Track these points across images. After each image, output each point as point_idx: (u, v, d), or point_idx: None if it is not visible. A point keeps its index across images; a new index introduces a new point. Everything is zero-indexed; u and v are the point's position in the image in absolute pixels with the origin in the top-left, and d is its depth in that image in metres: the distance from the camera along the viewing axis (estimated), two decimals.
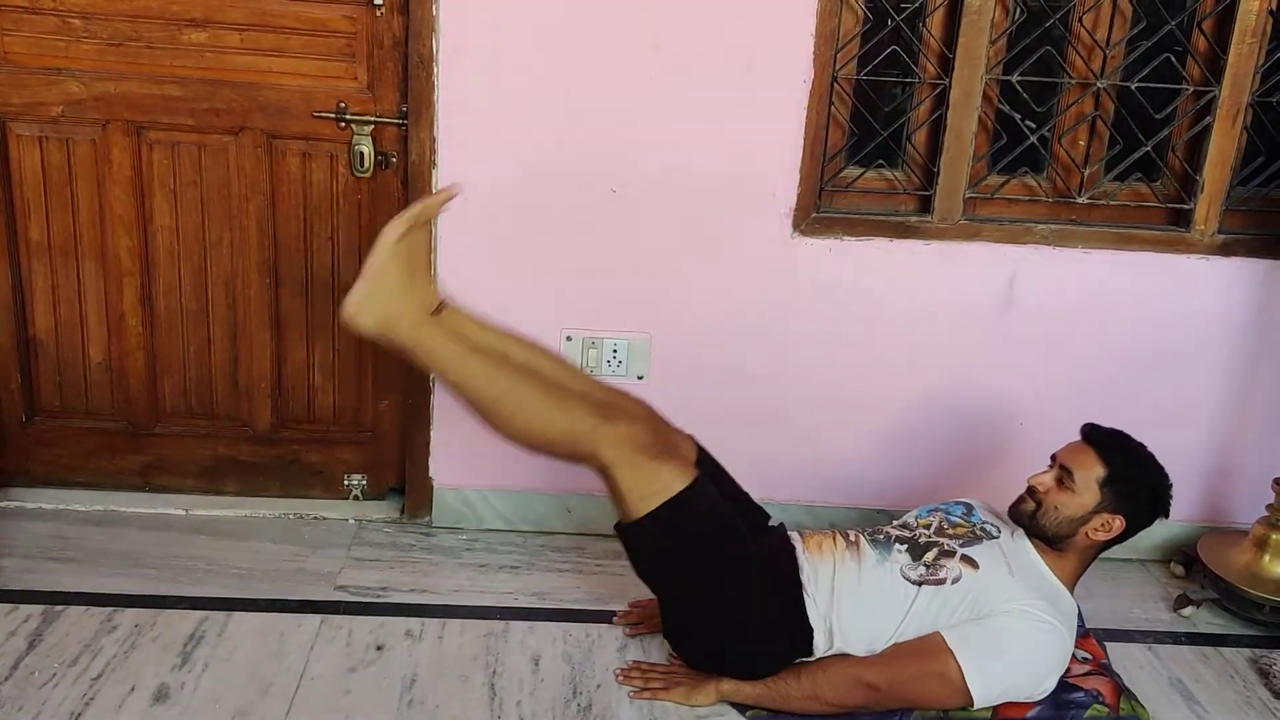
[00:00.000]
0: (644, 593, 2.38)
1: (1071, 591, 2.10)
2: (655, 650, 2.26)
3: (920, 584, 2.04)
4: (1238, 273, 2.59)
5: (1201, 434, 2.72)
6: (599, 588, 2.48)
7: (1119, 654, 2.32)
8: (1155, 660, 2.37)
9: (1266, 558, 2.50)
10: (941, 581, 2.03)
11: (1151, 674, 2.31)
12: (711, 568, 2.05)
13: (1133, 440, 2.11)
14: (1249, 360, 2.66)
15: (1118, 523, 2.05)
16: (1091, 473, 2.05)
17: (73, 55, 2.36)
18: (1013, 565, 2.06)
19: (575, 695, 2.11)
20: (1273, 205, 2.61)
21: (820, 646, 2.05)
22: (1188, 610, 2.54)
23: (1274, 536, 2.50)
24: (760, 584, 2.07)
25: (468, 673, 2.15)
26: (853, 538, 2.16)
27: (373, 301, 1.99)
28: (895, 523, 2.25)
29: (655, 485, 1.99)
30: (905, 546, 2.11)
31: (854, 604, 2.04)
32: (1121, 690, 2.13)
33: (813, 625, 2.04)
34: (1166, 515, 2.10)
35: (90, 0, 2.32)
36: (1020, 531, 2.14)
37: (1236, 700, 2.26)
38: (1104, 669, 2.17)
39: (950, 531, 2.15)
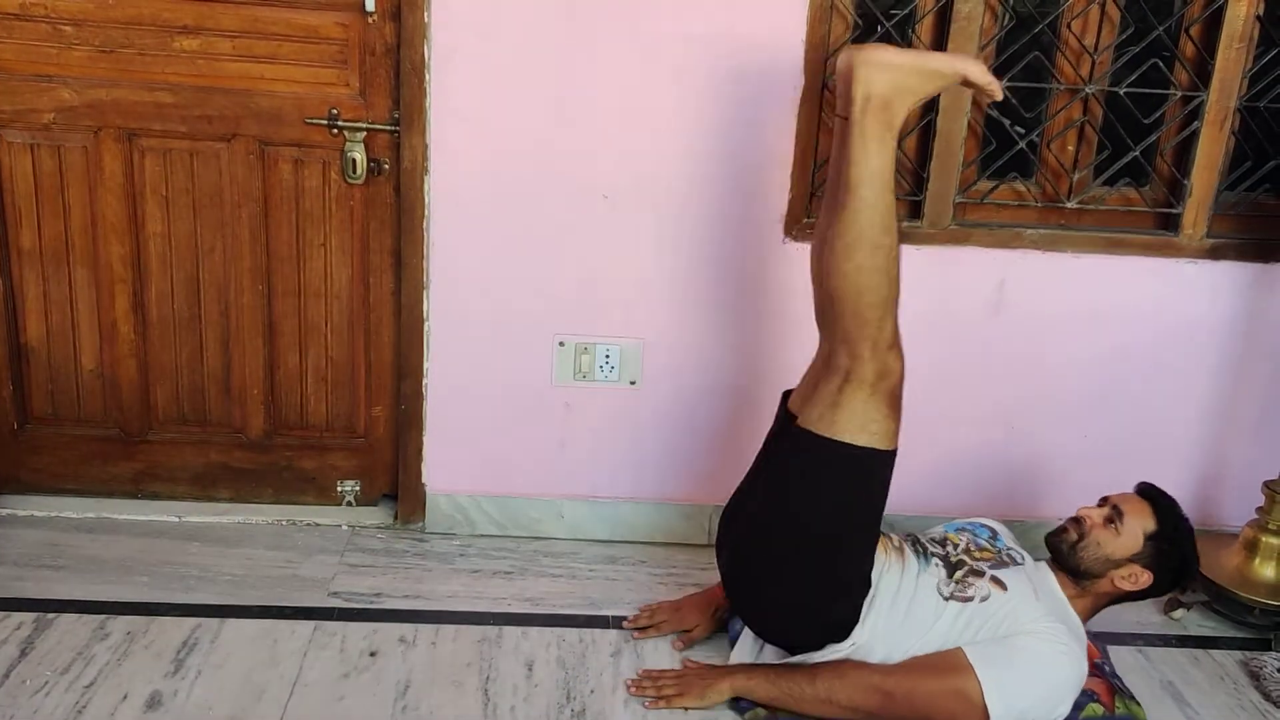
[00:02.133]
0: (642, 599, 2.39)
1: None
2: (650, 656, 2.26)
3: (949, 599, 2.05)
4: (1226, 277, 2.61)
5: (1191, 437, 2.73)
6: (593, 593, 2.48)
7: (1110, 657, 2.33)
8: (1146, 663, 2.38)
9: (1256, 560, 2.52)
10: (969, 599, 2.04)
11: (1143, 676, 2.32)
12: (837, 524, 2.00)
13: (1182, 511, 2.14)
14: (1238, 363, 2.68)
15: (1145, 578, 2.08)
16: (1141, 521, 2.08)
17: (64, 62, 2.36)
18: (1038, 590, 2.07)
19: (569, 700, 2.11)
20: (1260, 210, 2.63)
21: (855, 638, 2.03)
22: (1178, 613, 2.55)
23: (1264, 539, 2.51)
24: (855, 562, 2.04)
25: (461, 679, 2.15)
26: (897, 543, 2.15)
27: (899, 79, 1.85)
28: (928, 535, 2.25)
29: (874, 427, 1.92)
30: (941, 562, 2.12)
31: (889, 608, 2.04)
32: (1117, 690, 2.14)
33: (861, 614, 2.03)
34: (1184, 590, 2.12)
35: (82, 7, 2.32)
36: (1044, 563, 2.16)
37: (1228, 702, 2.27)
38: (1099, 669, 2.18)
39: (978, 554, 2.15)
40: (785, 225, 2.49)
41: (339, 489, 2.73)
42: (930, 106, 2.48)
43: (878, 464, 1.96)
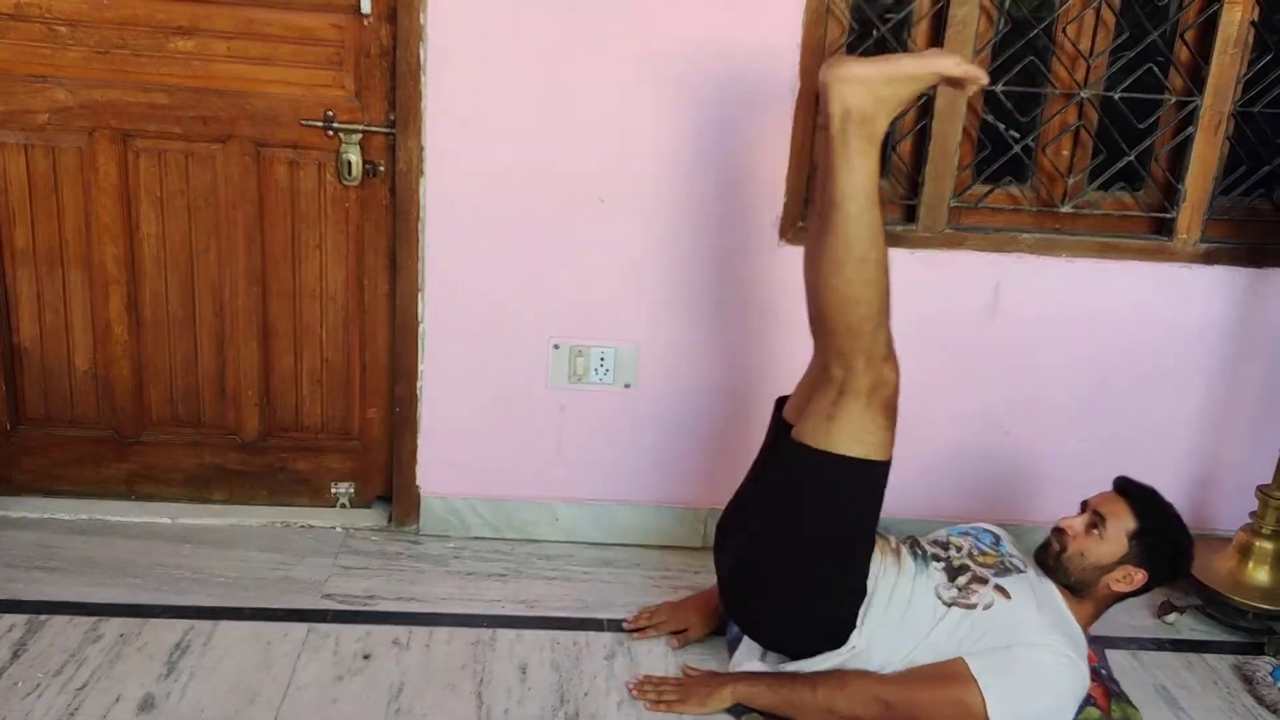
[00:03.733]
0: (636, 602, 2.39)
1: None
2: (645, 659, 2.26)
3: (951, 605, 2.04)
4: (1220, 281, 2.61)
5: (1185, 441, 2.73)
6: (587, 595, 2.48)
7: (1103, 660, 2.33)
8: (1140, 667, 2.38)
9: (1250, 565, 2.52)
10: (973, 606, 2.03)
11: (1136, 680, 2.32)
12: (833, 536, 2.00)
13: (1162, 498, 2.14)
14: (1232, 368, 2.69)
15: (1140, 576, 2.07)
16: (1123, 523, 2.08)
17: (59, 63, 2.36)
18: (1040, 602, 2.07)
19: (563, 703, 2.11)
20: (1255, 214, 2.63)
21: (853, 643, 2.03)
22: (1172, 617, 2.55)
23: (1257, 543, 2.52)
24: (851, 571, 2.04)
25: (455, 681, 2.15)
26: (894, 545, 2.16)
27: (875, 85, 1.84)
28: (929, 538, 2.24)
29: (870, 438, 1.92)
30: (942, 565, 2.12)
31: (885, 611, 2.04)
32: (1113, 694, 2.14)
33: (859, 619, 2.03)
34: (1186, 574, 2.12)
35: (77, 8, 2.32)
36: (1043, 571, 2.16)
37: (1220, 706, 2.27)
38: (1096, 673, 2.18)
39: (981, 559, 2.15)
40: (780, 228, 2.49)
41: (333, 491, 2.73)
42: (925, 110, 2.48)
43: (874, 475, 1.96)
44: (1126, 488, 2.14)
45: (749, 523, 2.09)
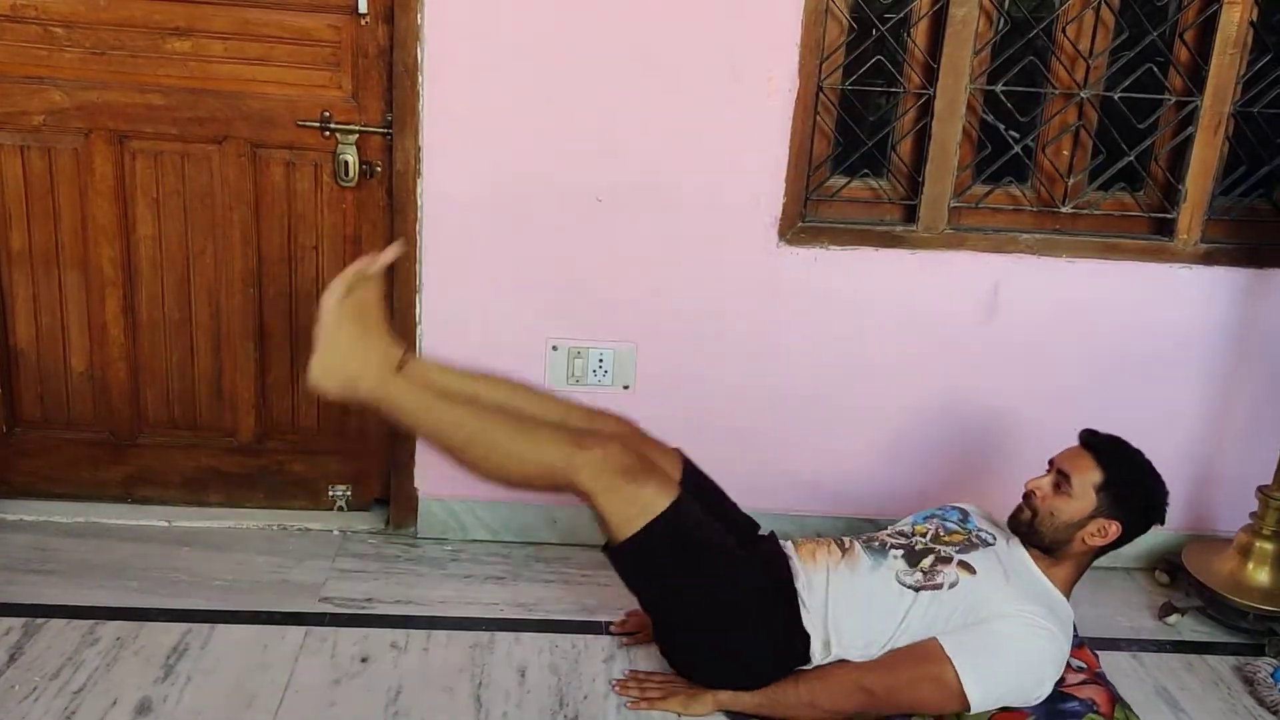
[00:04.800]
0: (634, 603, 2.38)
1: (1068, 597, 2.11)
2: (643, 659, 2.25)
3: (918, 590, 2.04)
4: (1220, 281, 2.61)
5: (1185, 442, 2.73)
6: (585, 598, 2.47)
7: (1104, 663, 2.32)
8: (1140, 668, 2.37)
9: (1250, 565, 2.52)
10: (939, 587, 2.03)
11: (1137, 682, 2.32)
12: (702, 583, 2.04)
13: (1130, 446, 2.12)
14: (1232, 368, 2.68)
15: (1114, 528, 2.05)
16: (1088, 477, 2.06)
17: (55, 64, 2.35)
18: (1009, 572, 2.06)
19: (562, 706, 2.10)
20: (1255, 215, 2.63)
21: (817, 654, 2.04)
22: (1172, 618, 2.54)
23: (1258, 544, 2.51)
24: (753, 596, 2.07)
25: (453, 684, 2.14)
26: (847, 544, 2.16)
27: (330, 367, 1.98)
28: (890, 529, 2.25)
29: (636, 506, 1.99)
30: (901, 552, 2.11)
31: (850, 610, 2.05)
32: (1116, 699, 2.13)
33: (809, 632, 2.04)
34: (1162, 522, 2.11)
35: (73, 9, 2.31)
36: (1016, 539, 2.15)
37: (1221, 708, 2.26)
38: (1099, 678, 2.18)
39: (946, 539, 2.15)
40: (779, 229, 2.49)
41: (330, 493, 2.72)
42: (925, 110, 2.48)
43: (669, 524, 2.00)
44: (1090, 440, 2.12)
45: (673, 636, 2.16)
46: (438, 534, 2.68)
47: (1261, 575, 2.50)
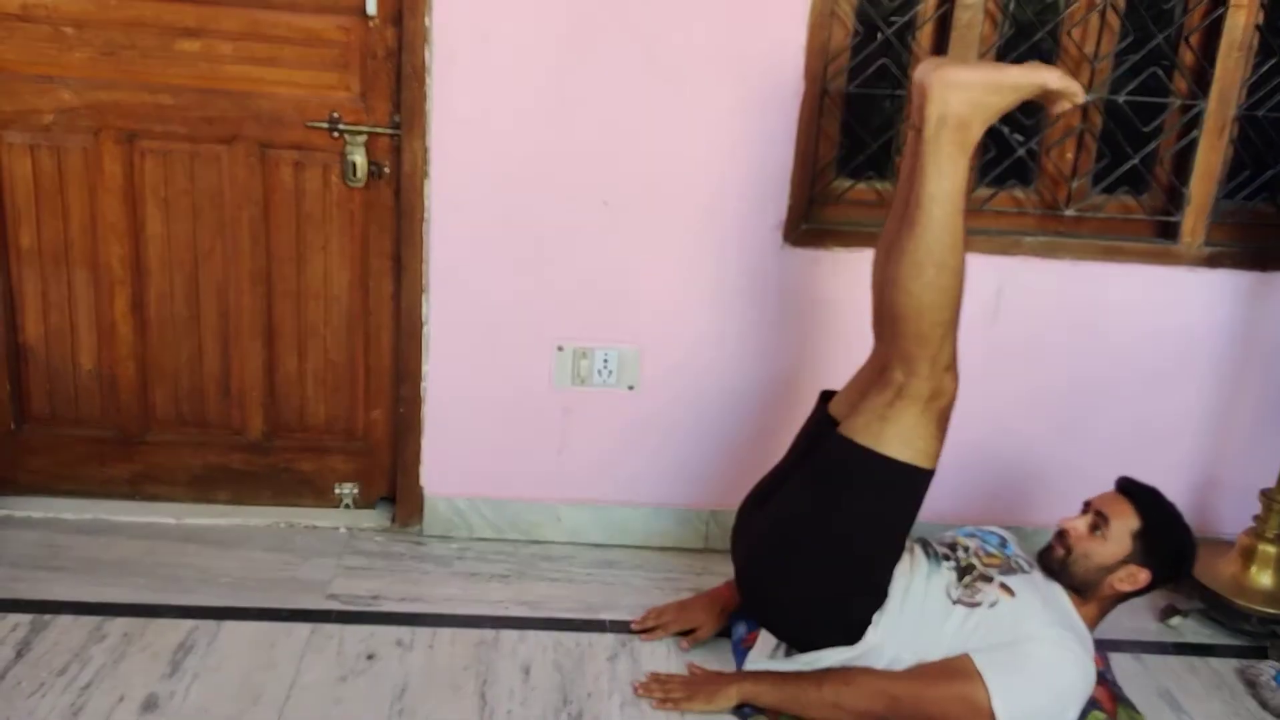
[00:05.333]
0: (639, 603, 2.39)
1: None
2: (648, 659, 2.26)
3: (958, 603, 2.05)
4: (1224, 285, 2.61)
5: (1188, 445, 2.73)
6: (590, 597, 2.48)
7: (1107, 664, 2.33)
8: (1143, 670, 2.38)
9: (1253, 568, 2.52)
10: (977, 605, 2.04)
11: (1139, 684, 2.32)
12: (869, 536, 2.00)
13: (1164, 498, 2.13)
14: (1235, 372, 2.68)
15: (1144, 576, 2.06)
16: (1126, 523, 2.07)
17: (65, 63, 2.36)
18: (1045, 598, 2.07)
19: (566, 704, 2.11)
20: (1259, 218, 2.63)
21: (866, 639, 2.03)
22: (1175, 620, 2.55)
23: (1260, 547, 2.52)
24: (876, 573, 2.04)
25: (459, 682, 2.15)
26: (908, 544, 2.15)
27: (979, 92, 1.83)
28: (938, 539, 2.24)
29: (920, 444, 1.93)
30: (952, 565, 2.12)
31: (900, 609, 2.04)
32: (1120, 699, 2.14)
33: (874, 615, 2.03)
34: (1189, 575, 2.12)
35: (83, 9, 2.33)
36: (1048, 574, 2.15)
37: (1224, 710, 2.27)
38: (1102, 677, 2.18)
39: (987, 560, 2.15)
40: (784, 231, 2.50)
41: (337, 491, 2.73)
42: None
43: (918, 481, 1.96)
44: (1129, 487, 2.14)
45: (780, 509, 2.08)
46: (444, 532, 2.69)
47: (1264, 578, 2.51)
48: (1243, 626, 2.50)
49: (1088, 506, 2.14)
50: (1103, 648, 2.36)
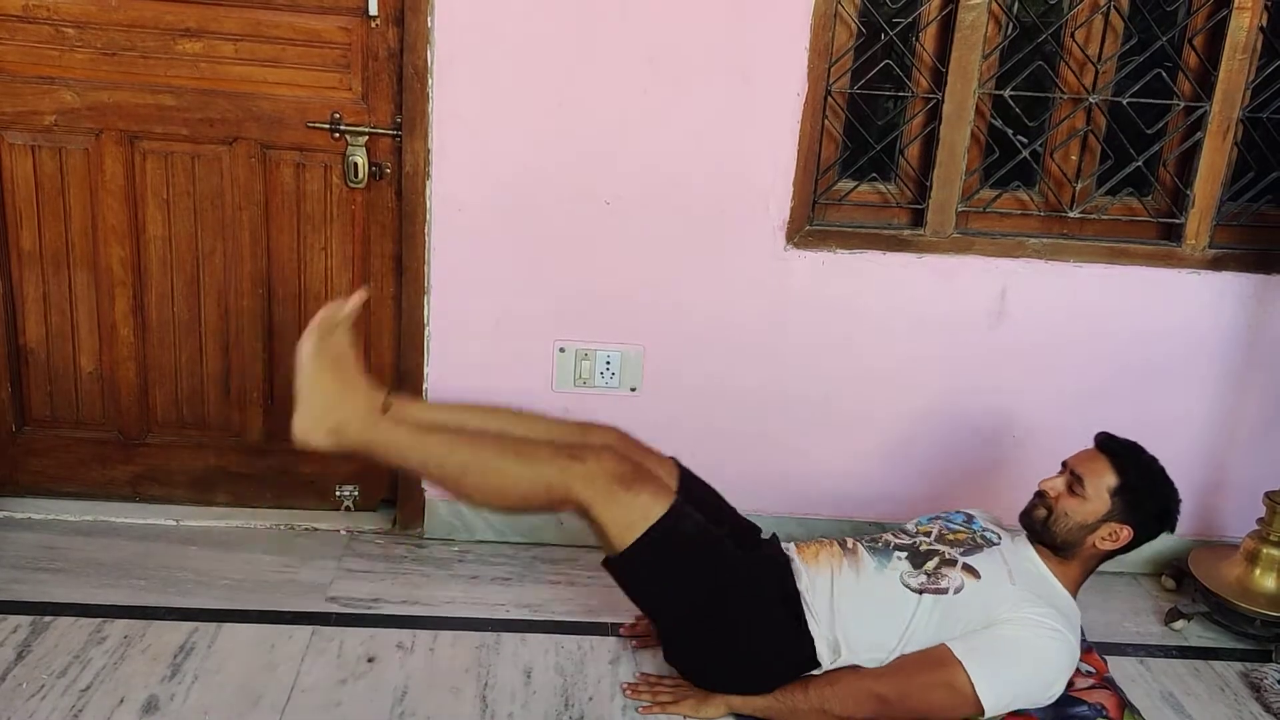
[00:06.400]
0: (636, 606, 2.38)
1: (1074, 597, 2.11)
2: (650, 662, 2.25)
3: (921, 592, 2.04)
4: (1228, 287, 2.60)
5: (1192, 447, 2.72)
6: (591, 600, 2.47)
7: (1110, 667, 2.32)
8: (1147, 674, 2.37)
9: (1257, 571, 2.51)
10: (944, 591, 2.03)
11: (1143, 687, 2.31)
12: (704, 589, 2.04)
13: (1145, 452, 2.11)
14: (1239, 374, 2.68)
15: (1125, 532, 2.05)
16: (1103, 480, 2.06)
17: (66, 64, 2.36)
18: (1014, 572, 2.06)
19: (567, 708, 2.10)
20: (1263, 220, 2.62)
21: (825, 657, 2.04)
22: (1179, 624, 2.54)
23: (1265, 550, 2.51)
24: (757, 600, 2.06)
25: (459, 685, 2.14)
26: (850, 545, 2.16)
27: (315, 419, 1.96)
28: (893, 530, 2.24)
29: (634, 514, 1.98)
30: (905, 554, 2.11)
31: (855, 612, 2.04)
32: (1125, 704, 2.13)
33: (814, 636, 2.03)
34: (1173, 529, 2.11)
35: (84, 9, 2.32)
36: (1022, 537, 2.15)
37: (1228, 714, 2.26)
38: (1107, 683, 2.17)
39: (950, 538, 2.15)
40: (787, 232, 2.49)
41: (338, 494, 2.72)
42: (933, 114, 2.48)
43: (667, 531, 1.99)
44: (1107, 443, 2.12)
45: (678, 642, 2.13)
46: (444, 535, 2.68)
47: (1268, 581, 2.50)
48: (1247, 630, 2.49)
49: (1065, 466, 2.13)
50: (1106, 651, 2.35)
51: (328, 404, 1.96)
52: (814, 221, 2.52)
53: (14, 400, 2.59)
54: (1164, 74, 2.48)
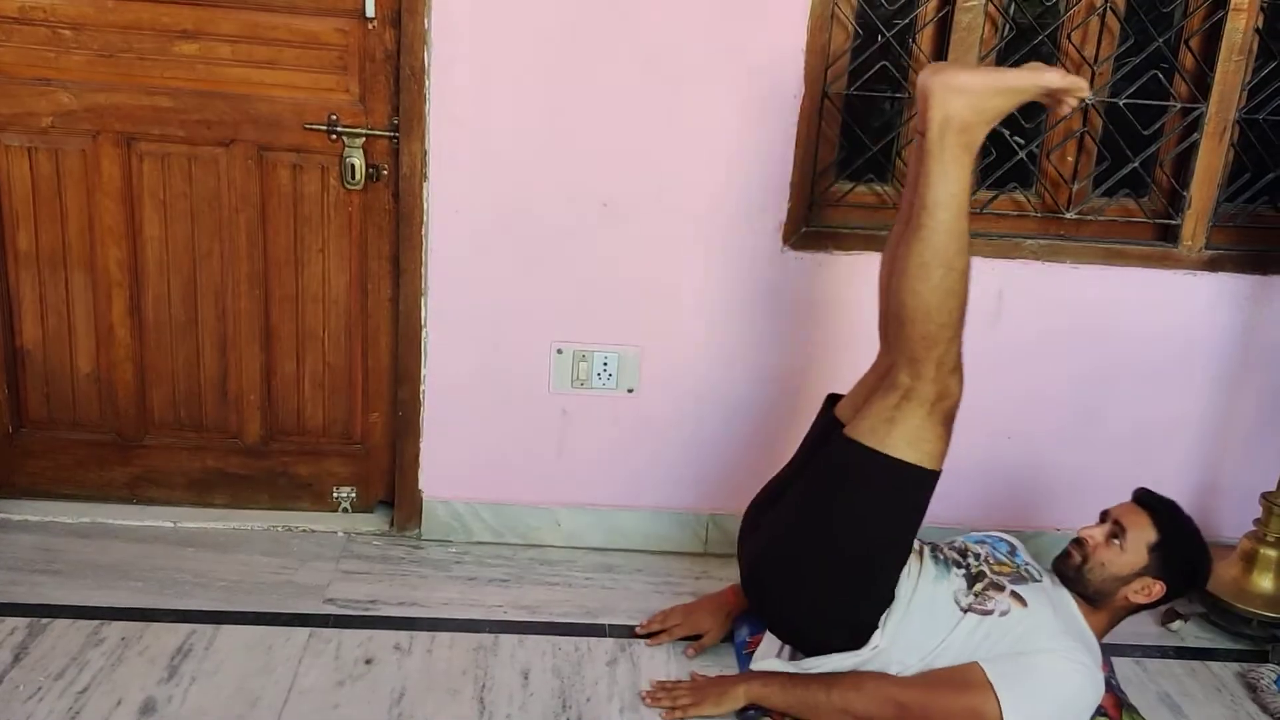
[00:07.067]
0: (638, 607, 2.39)
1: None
2: (647, 665, 2.25)
3: (968, 611, 2.03)
4: (1224, 288, 2.61)
5: (1189, 448, 2.73)
6: (589, 601, 2.47)
7: (1108, 668, 2.32)
8: (1144, 674, 2.37)
9: (1254, 572, 2.51)
10: (989, 613, 2.02)
11: (1140, 688, 2.32)
12: (875, 539, 1.99)
13: (1183, 511, 2.12)
14: (1235, 375, 2.68)
15: (1158, 588, 2.06)
16: (1143, 535, 2.06)
17: (63, 66, 2.36)
18: (1056, 608, 2.06)
19: (565, 709, 2.10)
20: (1259, 221, 2.63)
21: (875, 643, 2.02)
22: (1176, 624, 2.54)
23: (1261, 551, 2.51)
24: (882, 576, 2.03)
25: (457, 686, 2.14)
26: (917, 548, 2.14)
27: (978, 97, 1.84)
28: (947, 544, 2.22)
29: (926, 446, 1.93)
30: (962, 572, 2.11)
31: (906, 613, 2.03)
32: (1123, 704, 2.14)
33: (880, 622, 2.02)
34: (1203, 589, 2.11)
35: (81, 11, 2.32)
36: (1058, 581, 2.14)
37: (1224, 714, 2.26)
38: (1107, 683, 2.17)
39: (998, 568, 2.14)
40: (784, 234, 2.49)
41: (335, 495, 2.72)
42: None
43: (924, 482, 1.96)
44: (1148, 499, 2.13)
45: (786, 513, 2.08)
46: (442, 536, 2.68)
47: (1265, 582, 2.50)
48: (1243, 630, 2.50)
49: (1105, 516, 2.14)
50: (1105, 652, 2.35)
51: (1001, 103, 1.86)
52: (811, 223, 2.52)
53: (11, 402, 2.59)
54: (1160, 75, 2.49)
